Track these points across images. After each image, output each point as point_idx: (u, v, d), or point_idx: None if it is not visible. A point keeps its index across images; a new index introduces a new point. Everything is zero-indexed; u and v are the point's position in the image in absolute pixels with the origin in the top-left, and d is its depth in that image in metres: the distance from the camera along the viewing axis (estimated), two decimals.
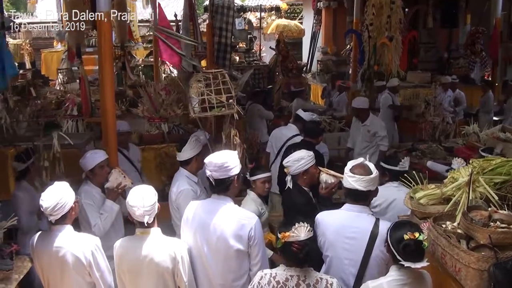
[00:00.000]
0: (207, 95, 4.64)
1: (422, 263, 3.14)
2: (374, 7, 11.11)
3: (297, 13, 23.65)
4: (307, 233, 3.32)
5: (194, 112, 4.70)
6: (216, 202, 3.94)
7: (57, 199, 3.77)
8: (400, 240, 3.17)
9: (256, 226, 3.83)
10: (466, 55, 14.84)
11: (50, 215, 3.77)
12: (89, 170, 4.94)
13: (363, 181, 3.76)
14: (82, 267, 3.84)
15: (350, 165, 3.90)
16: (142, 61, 16.19)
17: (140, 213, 3.67)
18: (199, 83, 4.74)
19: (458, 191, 3.90)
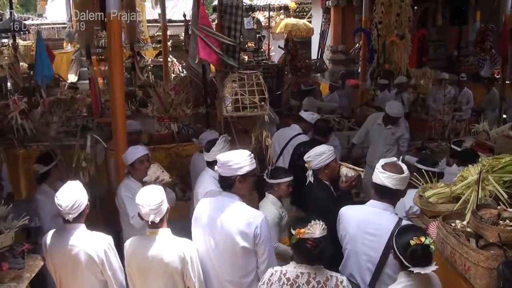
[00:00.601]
0: (241, 95, 4.63)
1: (431, 267, 3.10)
2: (383, 5, 11.11)
3: (306, 12, 23.62)
4: (322, 231, 3.33)
5: (226, 111, 4.70)
6: (225, 199, 3.98)
7: (75, 198, 3.84)
8: (406, 246, 3.12)
9: (262, 224, 3.86)
10: (476, 53, 14.77)
11: (69, 214, 3.82)
12: (129, 164, 5.10)
13: (393, 178, 3.76)
14: (95, 266, 3.88)
15: (382, 162, 3.92)
16: (152, 61, 16.24)
17: (146, 212, 3.70)
18: (234, 83, 4.73)
19: (467, 189, 3.90)
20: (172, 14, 21.03)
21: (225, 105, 4.76)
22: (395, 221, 3.77)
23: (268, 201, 5.07)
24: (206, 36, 5.29)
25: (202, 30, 5.32)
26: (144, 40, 17.57)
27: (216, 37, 5.45)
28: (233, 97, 4.71)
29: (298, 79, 12.69)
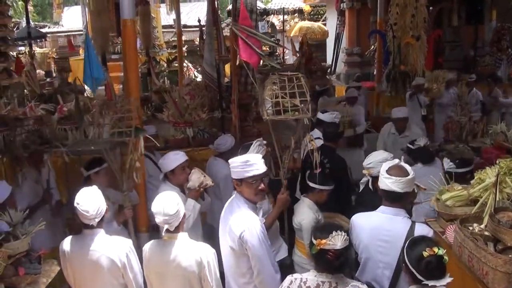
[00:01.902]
0: (282, 98, 4.62)
1: (446, 279, 2.99)
2: (398, 7, 11.07)
3: (321, 14, 23.59)
4: (343, 242, 3.25)
5: (267, 114, 4.68)
6: (234, 202, 4.10)
7: (99, 203, 3.88)
8: (420, 258, 3.01)
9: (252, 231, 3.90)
10: (492, 53, 14.65)
11: (94, 219, 3.84)
12: (169, 170, 5.07)
13: (400, 182, 3.71)
14: (116, 270, 3.90)
15: (386, 166, 3.86)
16: (167, 67, 16.34)
17: (160, 221, 3.72)
18: (274, 85, 4.72)
19: (485, 192, 3.87)
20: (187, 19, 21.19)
21: (265, 108, 4.71)
22: (409, 224, 3.73)
23: (304, 205, 5.04)
24: (247, 37, 5.25)
25: (243, 31, 5.28)
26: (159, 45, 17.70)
27: (258, 38, 5.41)
28: (274, 99, 4.66)
29: (313, 82, 12.67)
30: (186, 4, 22.91)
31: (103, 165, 5.21)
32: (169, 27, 20.20)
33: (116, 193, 5.28)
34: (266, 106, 4.71)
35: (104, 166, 5.21)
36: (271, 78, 4.80)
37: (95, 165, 5.24)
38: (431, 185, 4.73)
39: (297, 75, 4.79)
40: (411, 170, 3.82)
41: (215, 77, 8.43)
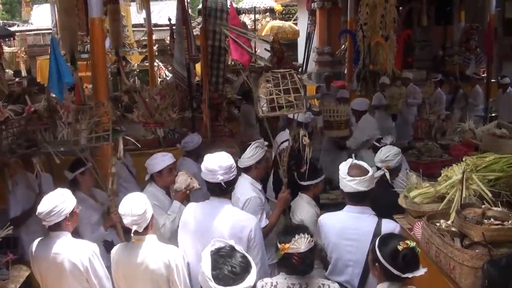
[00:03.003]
0: (276, 94, 4.60)
1: (421, 270, 3.01)
2: (368, 7, 11.14)
3: (292, 14, 23.64)
4: (307, 245, 3.23)
5: (262, 112, 4.66)
6: (215, 204, 3.97)
7: (53, 205, 3.79)
8: (395, 253, 2.99)
9: (256, 228, 3.89)
10: (461, 52, 14.86)
11: (44, 221, 3.79)
12: (156, 172, 5.00)
13: (364, 181, 3.75)
14: (79, 274, 3.85)
15: (345, 168, 3.87)
16: (138, 66, 16.20)
17: (128, 222, 3.67)
18: (268, 83, 4.68)
19: (452, 189, 3.90)
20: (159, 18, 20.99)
21: (260, 106, 4.69)
22: (375, 222, 3.77)
23: (302, 201, 4.99)
24: (237, 36, 5.24)
25: (233, 30, 5.27)
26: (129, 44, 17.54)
27: (248, 37, 5.39)
28: (268, 97, 4.63)
29: None
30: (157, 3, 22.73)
31: (88, 165, 5.10)
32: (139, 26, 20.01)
33: (103, 194, 5.16)
34: (261, 104, 4.69)
35: (88, 165, 5.10)
36: (265, 76, 4.77)
37: (79, 166, 5.10)
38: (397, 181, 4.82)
39: (290, 72, 4.80)
40: (368, 167, 3.87)
41: (186, 76, 8.37)
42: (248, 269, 2.62)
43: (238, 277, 2.55)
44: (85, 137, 4.82)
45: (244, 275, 2.58)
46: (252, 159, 4.80)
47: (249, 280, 2.58)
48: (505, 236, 3.26)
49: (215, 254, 2.67)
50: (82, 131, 4.85)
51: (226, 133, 8.37)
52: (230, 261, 2.61)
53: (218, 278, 2.55)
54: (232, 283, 2.53)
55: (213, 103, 8.27)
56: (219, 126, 8.37)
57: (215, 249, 2.72)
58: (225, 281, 2.54)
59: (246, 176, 4.85)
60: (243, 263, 2.63)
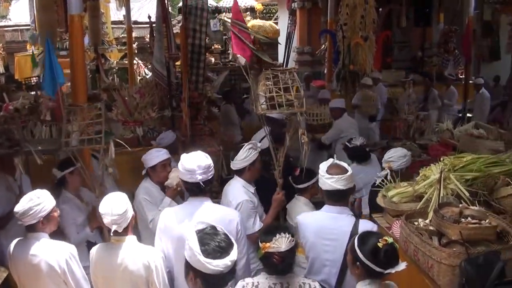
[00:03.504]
0: (276, 92, 4.57)
1: (402, 264, 3.02)
2: (348, 7, 11.19)
3: (272, 13, 23.61)
4: (288, 244, 3.23)
5: (261, 109, 4.62)
6: (197, 203, 3.96)
7: (29, 206, 3.75)
8: (376, 250, 3.01)
9: (241, 220, 3.97)
10: (440, 54, 15.03)
11: (20, 221, 3.75)
12: (150, 167, 5.03)
13: (342, 180, 3.76)
14: (56, 276, 3.81)
15: (324, 167, 3.89)
16: (117, 64, 16.06)
17: (108, 222, 3.64)
18: (268, 81, 4.65)
19: (429, 188, 3.95)
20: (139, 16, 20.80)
21: (259, 103, 4.66)
22: (352, 222, 3.79)
23: (300, 204, 5.01)
24: (239, 31, 5.22)
25: (235, 25, 5.25)
26: (108, 42, 17.39)
27: (249, 32, 5.38)
28: (268, 94, 4.60)
29: None
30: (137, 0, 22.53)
31: (77, 165, 5.03)
32: (119, 23, 19.80)
33: (90, 194, 5.14)
34: (260, 101, 4.67)
35: (78, 165, 5.03)
36: (265, 73, 4.77)
37: (69, 165, 5.02)
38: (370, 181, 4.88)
39: (290, 70, 4.79)
40: (348, 167, 3.89)
41: (165, 75, 8.33)
42: (231, 244, 2.83)
43: (224, 251, 2.76)
44: (76, 139, 4.77)
45: (229, 250, 2.79)
46: (245, 161, 4.74)
47: (233, 254, 2.80)
48: (482, 234, 3.31)
49: (200, 232, 2.86)
50: (74, 132, 4.81)
51: (206, 132, 8.34)
52: (216, 238, 2.82)
53: (207, 252, 2.74)
54: (219, 256, 2.74)
55: (193, 102, 8.23)
56: (199, 125, 8.34)
57: (199, 229, 2.88)
58: (213, 255, 2.74)
59: (238, 178, 4.82)
60: (227, 239, 2.84)
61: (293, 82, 4.70)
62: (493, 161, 4.13)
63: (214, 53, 16.87)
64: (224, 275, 2.76)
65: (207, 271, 2.73)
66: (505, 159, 4.23)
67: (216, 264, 2.71)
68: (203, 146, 6.86)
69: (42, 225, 3.84)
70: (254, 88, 4.79)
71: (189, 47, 8.72)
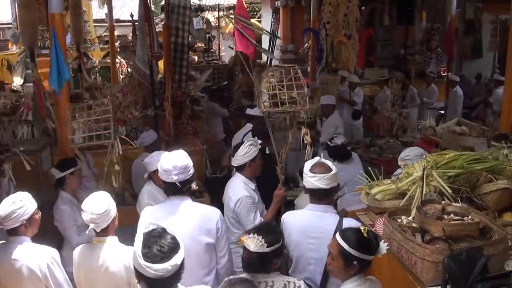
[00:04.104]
0: (279, 90, 4.56)
1: (384, 245, 3.13)
2: (330, 6, 11.24)
3: (256, 11, 23.64)
4: (258, 247, 3.24)
5: (264, 107, 4.59)
6: (176, 202, 3.93)
7: (10, 209, 3.69)
8: (365, 240, 3.08)
9: (221, 218, 3.95)
10: (422, 51, 15.13)
11: (1, 224, 3.69)
12: (152, 171, 4.96)
13: (325, 179, 3.78)
14: (37, 280, 3.76)
15: (308, 165, 3.90)
16: (99, 62, 15.94)
17: (87, 219, 3.63)
18: (271, 78, 4.65)
19: (412, 185, 3.95)
20: (121, 14, 20.69)
21: (262, 101, 4.64)
22: (336, 220, 3.81)
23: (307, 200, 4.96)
24: (243, 28, 5.20)
25: (239, 21, 5.22)
26: (91, 40, 17.26)
27: (253, 29, 5.35)
28: (271, 92, 4.59)
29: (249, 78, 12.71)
30: None
31: (78, 166, 5.00)
32: (101, 21, 19.67)
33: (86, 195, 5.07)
34: (263, 99, 4.65)
35: (78, 166, 5.00)
36: (268, 70, 4.79)
37: (70, 165, 4.97)
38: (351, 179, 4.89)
39: (293, 67, 4.78)
40: (332, 166, 3.91)
41: (148, 74, 8.28)
42: (176, 249, 2.78)
43: (165, 256, 2.71)
44: (81, 136, 4.73)
45: (171, 255, 2.73)
46: (245, 157, 4.76)
47: (176, 259, 2.74)
48: (464, 231, 3.32)
49: (147, 234, 2.81)
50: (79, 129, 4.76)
51: (190, 131, 8.33)
52: (159, 241, 2.76)
53: (146, 256, 2.70)
54: (159, 261, 2.69)
55: (176, 101, 8.21)
56: (182, 124, 8.32)
57: (148, 231, 2.86)
58: (153, 259, 2.69)
59: (239, 175, 4.84)
60: (172, 244, 2.78)
61: (296, 79, 4.71)
62: (475, 158, 4.14)
63: (197, 52, 16.85)
64: (166, 279, 2.73)
65: (147, 275, 2.71)
66: (487, 156, 4.25)
67: (155, 268, 2.68)
68: (186, 145, 6.84)
69: (24, 228, 3.78)
70: (257, 85, 4.78)
71: (172, 46, 8.69)
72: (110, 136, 4.63)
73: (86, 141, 4.71)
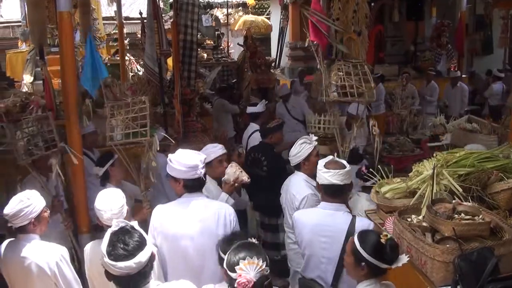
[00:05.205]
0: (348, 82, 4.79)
1: (404, 258, 3.02)
2: (340, 2, 11.14)
3: (265, 8, 23.59)
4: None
5: (331, 96, 4.85)
6: (189, 199, 3.94)
7: (20, 207, 3.73)
8: (379, 247, 3.00)
9: (234, 212, 3.96)
10: (432, 48, 15.00)
11: (10, 222, 3.71)
12: (207, 162, 4.94)
13: (339, 174, 3.76)
14: (47, 278, 3.79)
15: (322, 162, 3.90)
16: (108, 60, 15.97)
17: (108, 217, 3.65)
18: (340, 71, 4.87)
19: (423, 184, 3.93)
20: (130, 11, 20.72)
21: (329, 91, 4.81)
22: (349, 220, 3.78)
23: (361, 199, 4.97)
24: (317, 21, 5.37)
25: (314, 15, 5.39)
26: (100, 38, 17.29)
27: (327, 23, 5.54)
28: (339, 83, 4.76)
29: (257, 75, 12.68)
30: None
31: (115, 156, 5.09)
32: (110, 19, 19.73)
33: (133, 187, 5.18)
34: (332, 89, 4.78)
35: (116, 157, 5.09)
36: (337, 64, 5.05)
37: (107, 159, 5.10)
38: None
39: (361, 63, 5.00)
40: (346, 163, 3.90)
41: (157, 71, 8.27)
42: (141, 247, 2.78)
43: (129, 253, 2.72)
44: (120, 133, 4.76)
45: (136, 252, 2.73)
46: (298, 156, 4.80)
47: (140, 256, 2.74)
48: (475, 230, 3.31)
49: (114, 232, 2.82)
50: (118, 127, 4.79)
51: (199, 128, 8.31)
52: (125, 239, 2.77)
53: (110, 254, 2.73)
54: (122, 259, 2.70)
55: (185, 99, 8.20)
56: (191, 122, 8.30)
57: (118, 228, 2.85)
58: (115, 257, 2.71)
59: (299, 173, 4.87)
60: (138, 241, 2.78)
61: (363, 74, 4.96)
62: (486, 156, 4.12)
63: (206, 49, 16.81)
64: (132, 277, 2.74)
65: (113, 273, 2.74)
66: (498, 154, 4.22)
67: (119, 266, 2.70)
68: (195, 143, 6.83)
69: (33, 226, 3.82)
70: (326, 76, 4.92)
71: (180, 43, 8.68)
72: (147, 133, 4.64)
73: (123, 139, 4.73)
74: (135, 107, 4.80)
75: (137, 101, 4.83)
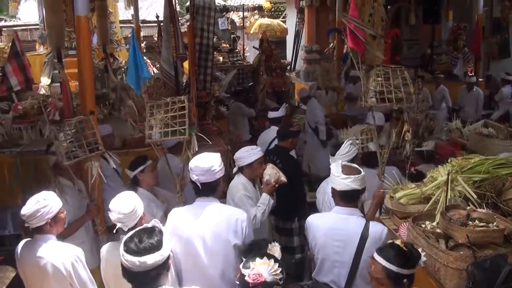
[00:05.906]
0: (386, 88, 4.80)
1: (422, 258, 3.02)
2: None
3: (281, 11, 23.64)
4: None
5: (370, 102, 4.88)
6: (204, 204, 3.97)
7: (37, 207, 3.77)
8: (404, 254, 2.96)
9: (247, 219, 3.98)
10: (449, 51, 14.92)
11: (26, 223, 3.77)
12: (247, 164, 5.09)
13: (358, 180, 3.80)
14: (62, 278, 3.83)
15: (338, 168, 3.90)
16: (125, 63, 16.06)
17: (114, 219, 3.69)
18: (378, 77, 4.88)
19: (437, 190, 3.92)
20: (147, 15, 20.87)
21: (367, 96, 4.88)
22: (363, 224, 3.78)
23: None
24: (355, 27, 5.46)
25: (351, 22, 5.48)
26: (117, 41, 17.42)
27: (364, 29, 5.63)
28: (378, 89, 4.81)
29: (273, 79, 12.72)
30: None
31: (148, 162, 5.13)
32: (127, 22, 19.87)
33: (165, 192, 5.25)
34: (369, 95, 4.86)
35: (148, 163, 5.13)
36: (376, 70, 4.98)
37: (139, 163, 5.13)
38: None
39: (400, 68, 4.98)
40: (359, 167, 3.95)
41: (173, 75, 8.33)
42: (152, 250, 2.87)
43: (138, 250, 2.84)
44: (159, 132, 4.82)
45: (145, 253, 2.84)
46: (346, 156, 4.95)
47: (147, 258, 2.83)
48: (489, 238, 3.29)
49: (141, 228, 3.01)
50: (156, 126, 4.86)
51: (214, 131, 8.35)
52: (141, 237, 2.90)
53: (125, 244, 2.90)
54: (131, 253, 2.84)
55: (201, 102, 8.24)
56: (207, 125, 8.35)
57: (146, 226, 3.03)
58: (127, 248, 2.86)
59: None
60: (151, 244, 2.88)
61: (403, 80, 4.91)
62: (501, 162, 4.10)
63: (222, 52, 16.87)
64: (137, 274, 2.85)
65: (122, 263, 2.89)
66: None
67: (126, 258, 2.84)
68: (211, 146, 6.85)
69: (49, 226, 3.86)
70: (364, 82, 4.98)
71: (196, 47, 8.72)
72: (185, 132, 4.69)
73: (162, 137, 4.80)
74: (174, 106, 4.86)
75: (177, 101, 4.89)
